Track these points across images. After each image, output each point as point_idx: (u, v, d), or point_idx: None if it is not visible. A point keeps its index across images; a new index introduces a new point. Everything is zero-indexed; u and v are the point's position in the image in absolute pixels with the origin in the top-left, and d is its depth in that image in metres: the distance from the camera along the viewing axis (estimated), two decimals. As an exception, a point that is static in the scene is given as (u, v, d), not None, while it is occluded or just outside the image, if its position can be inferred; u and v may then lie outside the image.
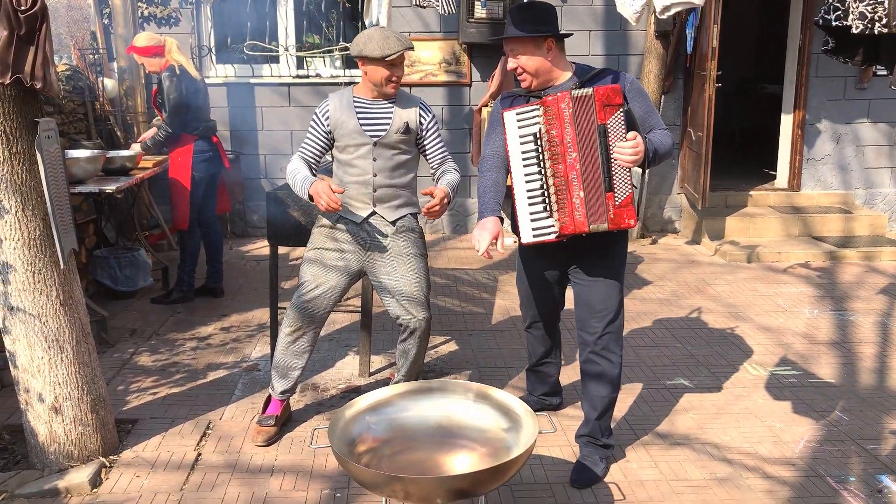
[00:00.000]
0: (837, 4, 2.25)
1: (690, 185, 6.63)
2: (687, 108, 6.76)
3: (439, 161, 3.21)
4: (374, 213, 3.11)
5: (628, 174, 2.64)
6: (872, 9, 2.12)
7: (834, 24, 2.28)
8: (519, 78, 2.84)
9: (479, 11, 6.27)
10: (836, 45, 2.43)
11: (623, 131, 2.61)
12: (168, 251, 6.09)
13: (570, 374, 3.70)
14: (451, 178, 3.13)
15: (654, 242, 6.70)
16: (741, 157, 8.86)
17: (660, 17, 3.94)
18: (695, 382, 3.81)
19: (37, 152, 2.72)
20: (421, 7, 5.35)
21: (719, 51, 5.93)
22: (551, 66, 2.78)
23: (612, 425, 3.14)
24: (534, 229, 2.76)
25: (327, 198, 2.83)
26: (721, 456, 3.12)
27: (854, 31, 2.23)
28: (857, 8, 2.15)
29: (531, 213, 2.75)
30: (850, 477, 2.96)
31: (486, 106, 6.34)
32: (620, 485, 2.90)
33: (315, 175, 3.04)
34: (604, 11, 6.60)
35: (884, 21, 2.13)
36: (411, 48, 3.01)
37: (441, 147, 3.21)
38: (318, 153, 3.14)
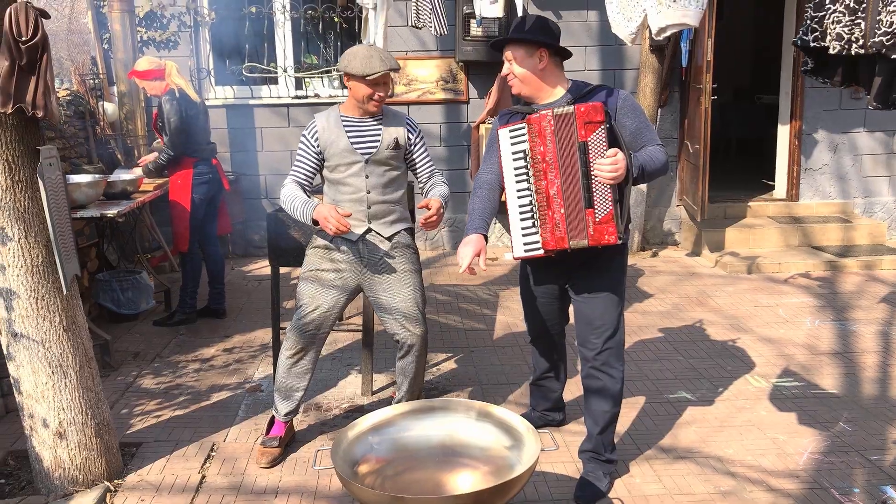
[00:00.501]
0: (815, 26, 2.28)
1: (689, 198, 6.66)
2: (683, 120, 6.80)
3: (428, 174, 3.26)
4: (369, 229, 3.13)
5: (609, 191, 2.65)
6: (849, 30, 2.16)
7: (812, 45, 2.32)
8: (509, 83, 2.88)
9: (475, 30, 6.32)
10: (814, 65, 2.46)
11: (604, 148, 2.63)
12: (170, 273, 6.11)
13: (573, 390, 3.71)
14: (441, 190, 3.18)
15: (654, 255, 6.72)
16: (739, 167, 8.90)
17: (655, 39, 3.98)
18: (697, 395, 3.82)
19: (39, 180, 2.75)
20: (416, 28, 5.39)
21: (714, 63, 5.98)
22: (541, 77, 2.81)
23: (616, 440, 3.15)
24: (525, 244, 2.79)
25: (336, 222, 2.85)
26: (725, 469, 3.12)
27: (831, 51, 2.27)
28: (834, 29, 2.19)
29: (522, 229, 2.78)
30: (854, 488, 2.96)
31: (484, 123, 6.38)
32: (624, 500, 2.91)
33: (309, 197, 3.07)
34: (599, 27, 6.65)
35: (860, 42, 2.16)
36: (395, 69, 3.02)
37: (429, 161, 3.27)
38: (310, 175, 3.16)
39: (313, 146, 3.12)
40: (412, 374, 3.26)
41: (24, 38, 2.55)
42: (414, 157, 3.23)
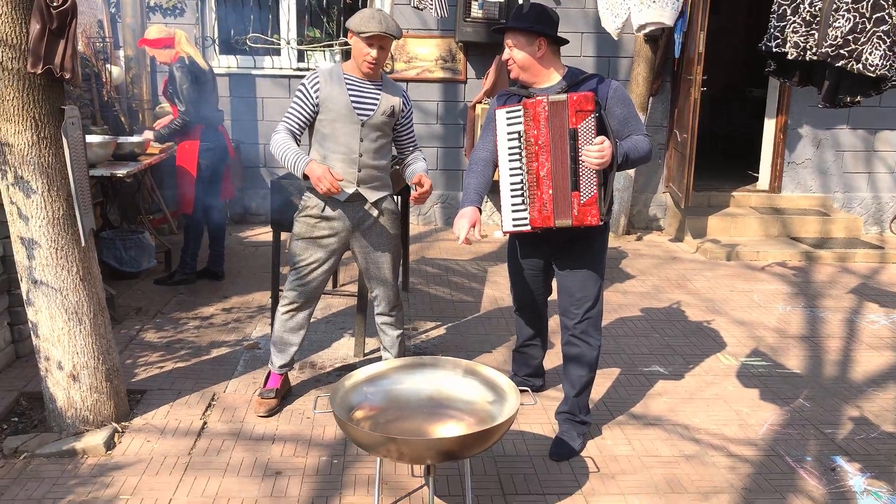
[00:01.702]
0: (777, 34, 2.53)
1: (675, 185, 6.88)
2: (674, 110, 7.01)
3: (411, 148, 3.46)
4: (356, 192, 3.27)
5: (594, 175, 2.85)
6: (804, 39, 2.41)
7: (774, 50, 2.57)
8: (508, 68, 3.07)
9: (476, 11, 6.49)
10: (776, 67, 2.72)
11: (592, 136, 2.83)
12: (169, 235, 6.29)
13: (552, 360, 3.93)
14: (424, 165, 3.38)
15: (639, 239, 6.95)
16: (727, 159, 9.13)
17: (636, 34, 4.21)
18: (669, 370, 4.06)
19: (63, 137, 2.93)
20: (418, 9, 5.55)
21: (706, 56, 6.18)
22: (539, 64, 2.99)
23: (591, 406, 3.39)
24: (513, 220, 3.00)
25: (329, 183, 2.96)
26: (690, 436, 3.37)
27: (789, 57, 2.53)
28: (792, 38, 2.44)
29: (512, 205, 2.99)
30: (806, 457, 3.21)
31: (480, 102, 6.57)
32: (595, 459, 3.15)
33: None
34: (595, 15, 6.80)
35: (813, 50, 2.41)
36: (393, 34, 3.11)
37: (413, 135, 3.47)
38: (303, 125, 3.23)
39: (311, 97, 3.20)
40: (394, 337, 3.58)
41: (55, 4, 2.72)
42: (402, 128, 3.40)
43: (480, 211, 3.07)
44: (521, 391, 2.66)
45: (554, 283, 3.34)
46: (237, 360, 3.99)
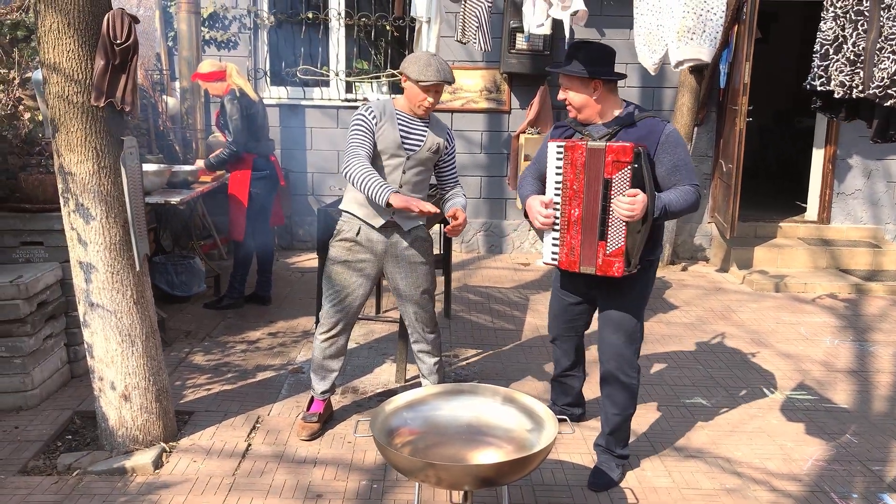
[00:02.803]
0: (821, 73, 2.55)
1: (720, 215, 6.83)
2: (719, 140, 6.97)
3: (452, 184, 3.55)
4: (393, 222, 3.37)
5: (623, 227, 2.83)
6: (850, 78, 2.42)
7: (819, 88, 2.59)
8: (567, 108, 3.07)
9: (521, 43, 6.58)
10: (822, 104, 2.74)
11: (626, 187, 2.81)
12: (219, 261, 6.46)
13: (594, 389, 3.93)
14: (463, 201, 3.46)
15: (683, 269, 6.90)
16: (774, 189, 9.02)
17: (674, 69, 4.24)
18: (712, 402, 4.02)
19: (122, 167, 3.08)
20: (462, 43, 5.67)
21: (752, 86, 6.15)
22: (596, 104, 3.00)
23: (631, 437, 3.37)
24: (551, 254, 3.05)
25: (421, 208, 3.03)
26: (731, 469, 3.33)
27: (836, 95, 2.54)
28: (837, 77, 2.45)
29: (552, 238, 3.02)
30: (853, 494, 3.15)
31: (524, 132, 6.63)
32: (635, 490, 3.13)
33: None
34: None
35: (860, 87, 2.42)
36: (449, 81, 3.24)
37: (455, 171, 3.56)
38: (372, 150, 3.30)
39: (371, 125, 3.29)
40: (431, 364, 3.62)
41: (118, 41, 2.87)
42: (445, 165, 3.50)
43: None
44: (560, 420, 2.68)
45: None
46: (282, 384, 4.07)
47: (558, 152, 2.97)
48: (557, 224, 3.01)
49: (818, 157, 7.18)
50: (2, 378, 3.66)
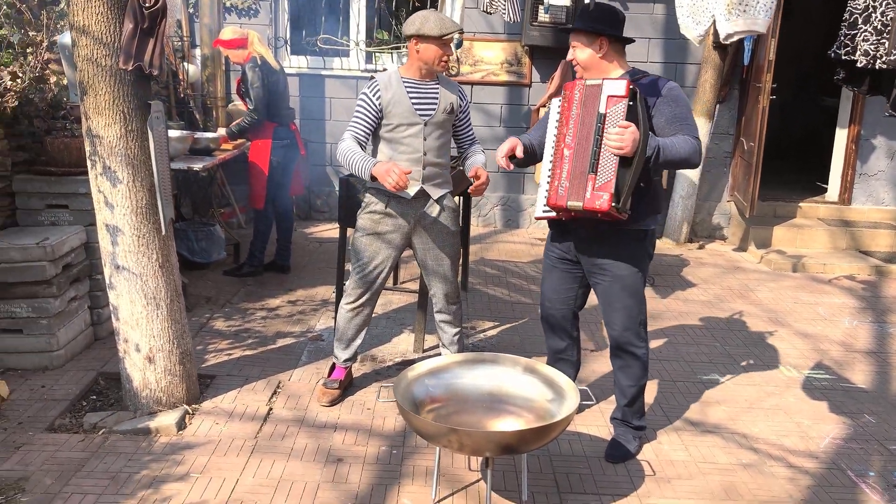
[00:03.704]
0: (847, 42, 2.53)
1: (740, 194, 6.79)
2: (741, 118, 6.91)
3: (469, 142, 3.53)
4: (421, 189, 3.37)
5: (614, 162, 2.76)
6: (875, 47, 2.40)
7: (843, 57, 2.57)
8: (574, 68, 3.08)
9: (543, 16, 6.53)
10: (845, 75, 2.71)
11: (621, 121, 2.77)
12: (238, 229, 6.50)
13: (607, 364, 3.94)
14: (482, 158, 3.43)
15: (701, 247, 6.87)
16: (795, 168, 8.93)
17: (723, 42, 4.18)
18: (729, 379, 4.03)
19: (148, 130, 3.09)
20: (488, 13, 5.62)
21: (776, 63, 6.08)
22: (602, 62, 2.98)
23: (648, 411, 3.38)
24: (544, 206, 2.98)
25: (396, 178, 2.98)
26: (748, 445, 3.34)
27: (858, 65, 2.53)
28: (862, 46, 2.43)
29: (545, 191, 2.97)
30: (869, 472, 3.16)
31: (544, 106, 6.59)
32: (651, 462, 3.16)
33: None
34: (663, 20, 6.79)
35: (883, 58, 2.40)
36: (461, 30, 3.25)
37: (472, 129, 3.53)
38: (368, 132, 3.32)
39: (374, 104, 3.29)
40: (452, 334, 3.64)
41: (147, 4, 2.88)
42: (461, 123, 3.48)
43: (525, 149, 3.06)
44: (581, 390, 2.69)
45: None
46: (301, 351, 4.12)
47: (559, 101, 2.98)
48: (550, 171, 2.95)
49: (841, 136, 7.10)
50: (28, 338, 3.71)
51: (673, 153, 2.85)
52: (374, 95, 3.29)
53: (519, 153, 3.02)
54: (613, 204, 2.75)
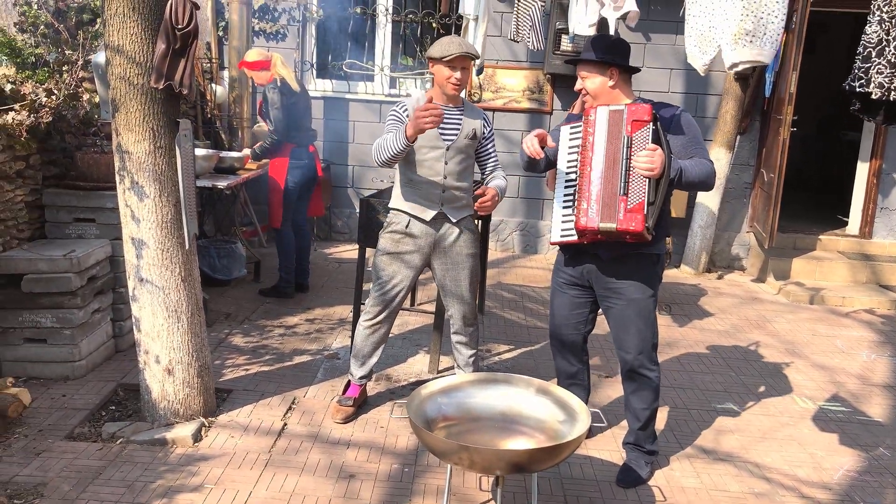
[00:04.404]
0: (861, 74, 2.57)
1: (759, 225, 6.78)
2: (762, 149, 6.93)
3: (492, 168, 3.57)
4: (441, 212, 3.43)
5: (643, 183, 2.85)
6: (889, 80, 2.45)
7: (858, 90, 2.62)
8: (582, 97, 3.15)
9: (566, 45, 6.61)
10: (861, 106, 2.76)
11: (647, 145, 2.86)
12: (258, 248, 6.59)
13: (618, 389, 3.95)
14: (500, 182, 3.48)
15: (719, 277, 6.87)
16: (815, 201, 8.91)
17: (727, 72, 4.23)
18: (743, 408, 4.02)
19: (176, 147, 3.19)
20: (514, 41, 5.72)
21: (797, 96, 6.11)
22: (611, 92, 3.06)
23: (661, 438, 3.39)
24: (562, 230, 3.05)
25: (429, 113, 2.97)
26: (761, 474, 3.33)
27: (873, 96, 2.57)
28: (876, 79, 2.48)
29: (563, 216, 3.04)
30: (883, 505, 3.14)
31: (565, 134, 6.65)
32: (663, 488, 3.16)
33: None
34: (685, 51, 6.84)
35: None
36: (472, 55, 3.28)
37: (496, 155, 3.58)
38: None
39: (404, 119, 3.37)
40: (467, 356, 3.67)
41: (180, 26, 2.98)
42: (485, 149, 3.54)
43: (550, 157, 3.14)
44: (592, 412, 2.71)
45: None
46: (317, 368, 4.16)
47: (573, 132, 3.05)
48: (569, 197, 3.01)
49: (862, 170, 7.09)
50: (52, 348, 3.80)
51: (693, 175, 2.96)
52: (403, 112, 3.39)
53: (550, 143, 3.06)
54: (646, 225, 2.84)
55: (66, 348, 3.81)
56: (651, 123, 2.86)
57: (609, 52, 3.03)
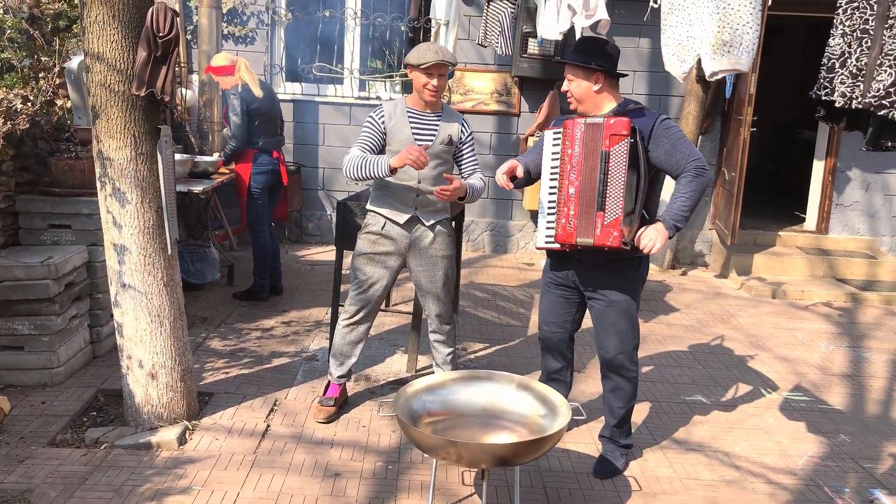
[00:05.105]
0: (826, 84, 2.73)
1: (721, 222, 6.99)
2: (723, 149, 7.14)
3: (470, 171, 3.65)
4: (415, 216, 3.52)
5: (621, 198, 2.92)
6: (851, 90, 2.60)
7: (823, 98, 2.77)
8: (567, 99, 3.20)
9: (532, 48, 6.74)
10: (825, 113, 2.91)
11: (625, 160, 2.92)
12: (230, 251, 6.59)
13: (597, 385, 4.07)
14: (475, 182, 3.54)
15: (683, 274, 7.06)
16: (774, 198, 9.18)
17: (708, 80, 4.40)
18: (712, 400, 4.17)
19: (158, 154, 3.22)
20: (483, 46, 5.81)
21: (756, 97, 6.32)
22: (597, 96, 3.11)
23: (634, 431, 3.52)
24: (546, 236, 3.14)
25: (417, 155, 3.15)
26: (730, 462, 3.48)
27: (836, 105, 2.74)
28: (839, 88, 2.64)
29: (547, 222, 3.13)
30: (845, 488, 3.30)
31: (532, 135, 6.79)
32: (638, 478, 3.28)
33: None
34: (648, 54, 7.03)
35: (858, 99, 2.60)
36: (449, 62, 3.35)
37: (474, 159, 3.65)
38: (374, 148, 3.45)
39: (380, 126, 3.45)
40: (446, 354, 3.76)
41: (161, 34, 3.01)
42: (462, 153, 3.62)
43: (525, 169, 3.23)
44: (572, 406, 2.82)
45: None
46: (296, 370, 4.21)
47: (556, 137, 3.10)
48: (553, 204, 3.09)
49: (818, 168, 7.34)
50: (29, 355, 3.79)
51: (689, 207, 3.00)
52: (379, 119, 3.46)
53: (519, 173, 3.18)
54: (623, 240, 2.92)
55: (43, 355, 3.80)
56: (629, 137, 2.91)
57: (595, 57, 3.06)
